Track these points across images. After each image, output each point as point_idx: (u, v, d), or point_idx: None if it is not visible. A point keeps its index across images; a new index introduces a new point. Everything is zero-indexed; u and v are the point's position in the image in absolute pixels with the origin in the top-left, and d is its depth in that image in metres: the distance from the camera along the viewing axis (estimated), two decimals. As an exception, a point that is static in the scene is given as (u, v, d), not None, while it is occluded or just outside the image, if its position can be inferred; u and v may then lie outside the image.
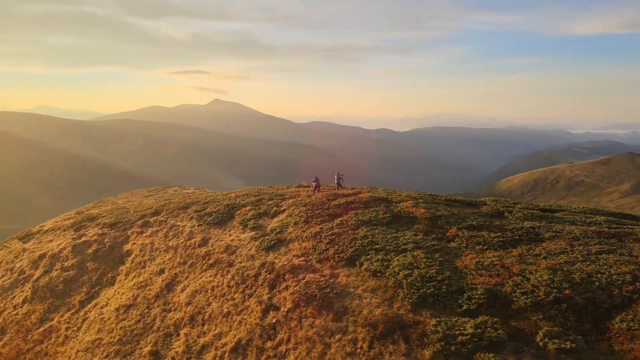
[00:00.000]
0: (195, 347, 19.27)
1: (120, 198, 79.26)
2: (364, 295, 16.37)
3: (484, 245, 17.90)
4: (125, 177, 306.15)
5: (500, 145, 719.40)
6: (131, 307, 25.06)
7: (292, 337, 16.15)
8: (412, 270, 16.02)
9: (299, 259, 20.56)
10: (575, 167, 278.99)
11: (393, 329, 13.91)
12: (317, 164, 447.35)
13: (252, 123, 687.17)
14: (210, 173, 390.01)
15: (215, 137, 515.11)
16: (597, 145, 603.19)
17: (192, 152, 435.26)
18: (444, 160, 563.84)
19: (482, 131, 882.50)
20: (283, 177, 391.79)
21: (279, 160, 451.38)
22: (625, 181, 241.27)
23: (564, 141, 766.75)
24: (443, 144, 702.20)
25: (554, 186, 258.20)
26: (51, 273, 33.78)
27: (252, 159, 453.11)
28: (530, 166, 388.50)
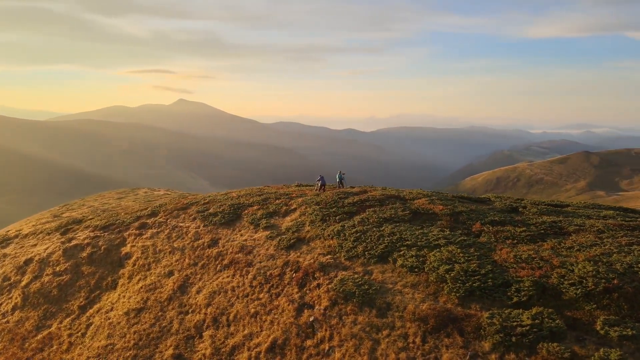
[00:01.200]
0: (224, 349, 18.97)
1: (89, 200, 77.01)
2: (404, 291, 16.57)
3: (514, 239, 18.48)
4: (85, 179, 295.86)
5: (463, 144, 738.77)
6: (142, 310, 24.39)
7: (334, 334, 16.17)
8: (453, 265, 16.35)
9: (325, 257, 20.57)
10: (535, 165, 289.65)
11: (445, 322, 14.18)
12: (284, 164, 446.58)
13: (218, 123, 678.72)
14: (175, 174, 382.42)
15: (180, 137, 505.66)
16: (554, 145, 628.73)
17: (156, 153, 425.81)
18: (409, 160, 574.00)
19: (446, 131, 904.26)
20: (252, 178, 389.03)
21: (246, 161, 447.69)
22: (581, 179, 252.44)
23: (524, 140, 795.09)
24: (408, 144, 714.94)
25: (515, 184, 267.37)
26: (42, 278, 32.42)
27: (218, 159, 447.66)
28: (491, 165, 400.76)
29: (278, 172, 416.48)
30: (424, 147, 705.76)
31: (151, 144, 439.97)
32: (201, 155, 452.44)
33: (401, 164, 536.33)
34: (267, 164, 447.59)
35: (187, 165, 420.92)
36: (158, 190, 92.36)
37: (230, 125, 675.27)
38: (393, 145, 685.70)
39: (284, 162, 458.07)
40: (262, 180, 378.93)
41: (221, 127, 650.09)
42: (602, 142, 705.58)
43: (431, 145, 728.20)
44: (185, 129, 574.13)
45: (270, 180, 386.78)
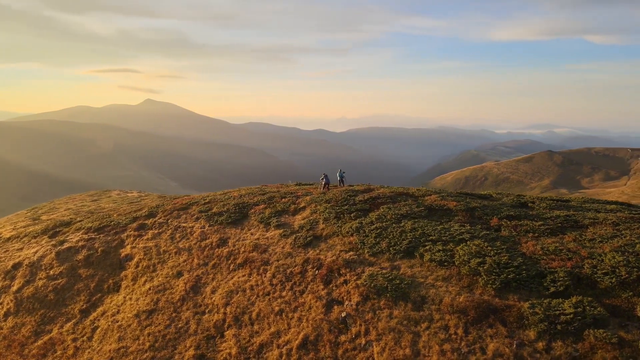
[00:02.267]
0: (251, 347, 18.88)
1: (60, 203, 74.78)
2: (437, 285, 16.93)
3: (534, 233, 19.14)
4: (48, 182, 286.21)
5: (432, 144, 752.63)
6: (154, 312, 23.95)
7: (370, 328, 16.37)
8: (484, 258, 16.83)
9: (348, 254, 20.75)
10: (502, 165, 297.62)
11: (485, 313, 14.61)
12: (255, 165, 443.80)
13: (187, 124, 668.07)
14: (143, 176, 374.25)
15: (148, 138, 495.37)
16: (519, 144, 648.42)
17: (123, 154, 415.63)
18: (380, 160, 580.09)
19: (415, 131, 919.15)
20: (222, 180, 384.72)
21: (216, 162, 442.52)
22: (545, 177, 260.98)
23: (489, 140, 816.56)
24: (378, 144, 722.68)
25: (483, 183, 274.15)
26: (35, 283, 31.35)
27: (187, 160, 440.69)
28: (459, 164, 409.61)
29: (249, 172, 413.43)
30: (394, 147, 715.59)
31: (117, 145, 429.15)
32: (170, 156, 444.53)
33: (372, 164, 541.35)
34: (238, 164, 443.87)
35: (155, 166, 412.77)
36: (131, 192, 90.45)
37: (200, 126, 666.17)
38: (363, 145, 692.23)
39: (254, 163, 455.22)
40: (233, 181, 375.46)
41: (190, 127, 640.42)
42: (564, 142, 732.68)
43: (401, 145, 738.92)
44: (153, 130, 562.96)
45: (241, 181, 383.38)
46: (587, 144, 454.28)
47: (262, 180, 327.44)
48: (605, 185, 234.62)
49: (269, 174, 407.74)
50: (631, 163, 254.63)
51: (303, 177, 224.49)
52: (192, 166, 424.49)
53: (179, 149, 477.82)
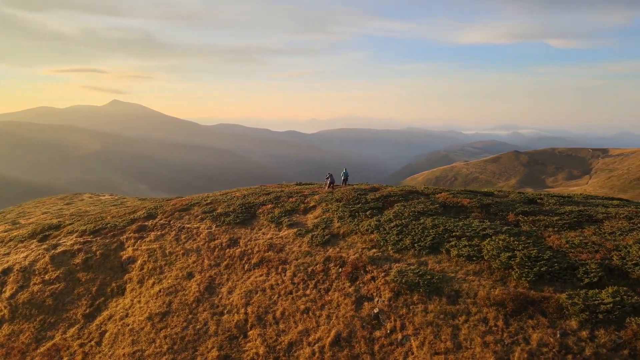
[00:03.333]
0: (279, 346, 18.81)
1: (29, 207, 72.64)
2: (468, 279, 17.33)
3: (554, 227, 19.83)
4: (8, 185, 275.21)
5: (402, 145, 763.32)
6: (168, 314, 23.51)
7: (406, 323, 16.60)
8: (513, 252, 17.33)
9: (371, 251, 20.94)
10: (470, 165, 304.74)
11: (524, 305, 15.07)
12: (227, 166, 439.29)
13: (155, 125, 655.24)
14: (110, 179, 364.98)
15: (115, 140, 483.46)
16: (485, 145, 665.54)
17: (88, 156, 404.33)
18: (351, 161, 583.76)
19: (385, 132, 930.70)
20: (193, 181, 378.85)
21: (186, 164, 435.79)
22: (512, 177, 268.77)
23: (457, 141, 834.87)
24: (349, 145, 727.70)
25: (453, 183, 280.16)
26: (30, 288, 30.28)
27: (156, 162, 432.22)
28: (429, 165, 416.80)
29: (221, 174, 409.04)
30: (365, 148, 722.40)
31: (83, 147, 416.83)
32: (138, 158, 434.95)
33: (343, 165, 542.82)
34: (209, 166, 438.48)
35: (123, 168, 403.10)
36: (103, 195, 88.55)
37: (169, 127, 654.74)
38: (335, 146, 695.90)
39: (226, 165, 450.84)
40: (206, 183, 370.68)
41: (159, 129, 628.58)
42: (528, 143, 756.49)
43: (371, 146, 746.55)
44: (121, 131, 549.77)
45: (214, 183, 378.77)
46: (550, 144, 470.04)
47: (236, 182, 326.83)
48: (568, 184, 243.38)
49: (242, 176, 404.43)
50: (592, 163, 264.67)
51: (276, 179, 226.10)
52: (162, 168, 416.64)
53: (147, 150, 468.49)
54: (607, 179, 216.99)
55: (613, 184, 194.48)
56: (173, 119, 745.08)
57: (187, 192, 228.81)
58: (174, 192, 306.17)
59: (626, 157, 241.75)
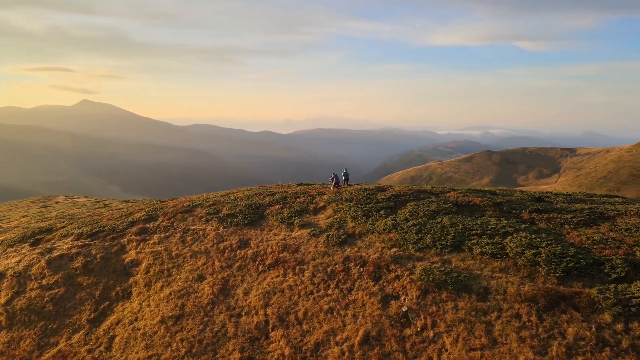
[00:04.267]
0: (305, 347, 18.77)
1: (2, 210, 70.67)
2: (495, 276, 17.69)
3: (569, 224, 20.40)
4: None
5: (376, 145, 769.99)
6: (182, 317, 23.14)
7: (437, 321, 16.84)
8: (538, 249, 17.76)
9: (391, 250, 21.10)
10: (445, 164, 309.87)
11: (556, 300, 15.48)
12: (201, 167, 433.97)
13: (127, 126, 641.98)
14: (81, 181, 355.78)
15: (86, 141, 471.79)
16: (458, 145, 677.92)
17: (57, 157, 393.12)
18: (326, 161, 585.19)
19: (360, 132, 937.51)
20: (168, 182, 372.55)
21: (160, 165, 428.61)
22: (485, 176, 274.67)
23: (431, 141, 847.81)
24: (324, 145, 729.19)
25: (428, 182, 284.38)
26: (27, 294, 29.37)
27: (129, 164, 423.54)
28: (404, 165, 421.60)
29: (197, 175, 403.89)
30: (340, 148, 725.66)
31: (52, 149, 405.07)
32: (110, 160, 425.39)
33: (318, 165, 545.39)
34: (183, 167, 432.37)
35: (94, 170, 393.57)
36: (78, 198, 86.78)
37: (142, 128, 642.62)
38: (310, 146, 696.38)
39: (202, 166, 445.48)
40: (181, 185, 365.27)
41: (132, 129, 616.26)
42: (499, 142, 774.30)
43: (346, 146, 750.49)
44: (92, 132, 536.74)
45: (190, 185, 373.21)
46: (520, 144, 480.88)
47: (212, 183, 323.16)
48: (538, 183, 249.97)
49: (218, 177, 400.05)
50: (561, 162, 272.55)
51: (252, 179, 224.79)
52: (135, 170, 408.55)
53: (120, 151, 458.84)
54: (576, 177, 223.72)
55: (581, 182, 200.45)
56: (146, 120, 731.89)
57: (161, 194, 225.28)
58: (147, 193, 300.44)
59: (593, 156, 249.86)
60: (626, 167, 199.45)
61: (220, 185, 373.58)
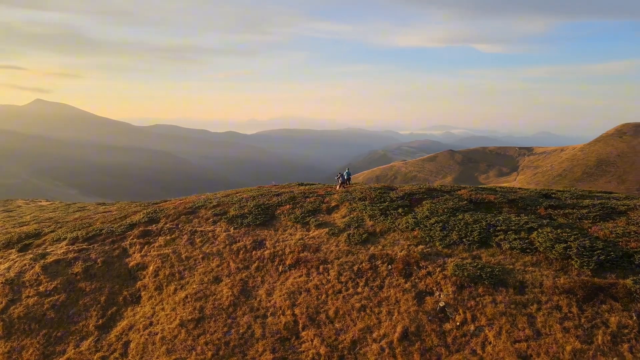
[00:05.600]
0: (341, 345, 18.81)
1: None
2: (528, 270, 18.30)
3: (587, 219, 21.33)
4: None
5: (341, 145, 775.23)
6: (202, 320, 22.69)
7: (477, 315, 17.27)
8: (567, 243, 18.51)
9: (418, 247, 21.44)
10: (409, 164, 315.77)
11: (594, 292, 16.20)
12: (164, 169, 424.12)
13: (84, 126, 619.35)
14: (35, 183, 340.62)
15: (39, 142, 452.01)
16: (421, 144, 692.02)
17: (7, 159, 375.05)
18: (291, 161, 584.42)
19: (324, 133, 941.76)
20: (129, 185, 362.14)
21: (120, 166, 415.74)
22: (448, 175, 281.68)
23: (394, 141, 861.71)
24: (289, 146, 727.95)
25: (393, 181, 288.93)
26: (23, 301, 28.11)
27: (87, 165, 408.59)
28: (368, 164, 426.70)
29: (160, 177, 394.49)
30: (305, 148, 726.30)
31: (1, 150, 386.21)
32: (66, 162, 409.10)
33: (283, 166, 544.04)
34: (145, 169, 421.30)
35: (49, 172, 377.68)
36: (39, 201, 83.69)
37: (100, 128, 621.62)
38: (275, 147, 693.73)
39: (163, 167, 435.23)
40: (145, 187, 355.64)
41: (89, 130, 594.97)
42: (460, 142, 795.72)
43: (311, 146, 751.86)
44: (46, 133, 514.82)
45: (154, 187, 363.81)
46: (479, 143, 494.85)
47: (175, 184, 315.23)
48: (499, 181, 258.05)
49: (182, 178, 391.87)
50: (519, 160, 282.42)
51: (218, 180, 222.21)
52: (93, 172, 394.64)
53: (76, 153, 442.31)
54: (533, 175, 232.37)
55: (538, 179, 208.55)
56: (104, 120, 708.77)
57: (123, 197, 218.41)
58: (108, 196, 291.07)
59: (548, 155, 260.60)
60: (580, 165, 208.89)
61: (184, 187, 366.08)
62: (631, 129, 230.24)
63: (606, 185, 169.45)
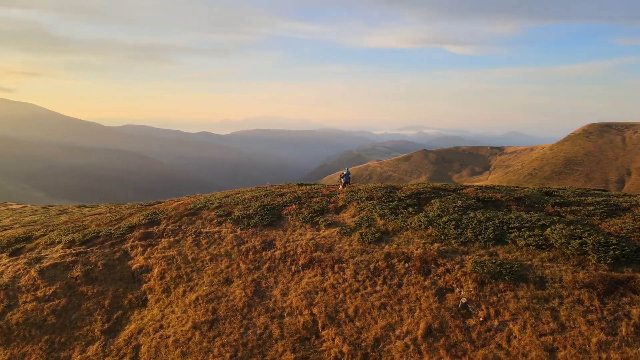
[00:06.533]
0: (364, 343, 18.95)
1: None
2: (546, 265, 18.84)
3: (594, 216, 22.07)
4: None
5: (316, 145, 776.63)
6: (216, 321, 22.46)
7: (500, 310, 17.69)
8: (582, 239, 19.16)
9: (434, 245, 21.76)
10: (384, 164, 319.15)
11: (613, 285, 16.83)
12: (136, 170, 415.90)
13: (52, 126, 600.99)
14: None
15: (3, 143, 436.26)
16: (395, 144, 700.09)
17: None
18: (265, 161, 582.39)
19: (299, 133, 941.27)
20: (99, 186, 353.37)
21: (90, 168, 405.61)
22: (422, 174, 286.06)
23: (369, 141, 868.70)
24: (264, 146, 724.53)
25: (368, 181, 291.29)
26: (21, 307, 27.29)
27: (55, 167, 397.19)
28: (343, 164, 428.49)
29: (132, 179, 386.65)
30: (280, 148, 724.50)
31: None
32: (32, 163, 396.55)
33: (258, 166, 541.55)
34: (117, 170, 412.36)
35: (14, 174, 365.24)
36: (10, 204, 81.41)
37: (69, 129, 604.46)
38: (249, 147, 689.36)
39: (136, 168, 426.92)
40: (116, 188, 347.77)
41: (56, 131, 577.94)
42: (433, 142, 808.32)
43: (286, 146, 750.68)
44: (10, 133, 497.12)
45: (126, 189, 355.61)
46: (452, 143, 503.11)
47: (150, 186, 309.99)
48: (471, 180, 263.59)
49: (154, 179, 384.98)
50: (491, 160, 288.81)
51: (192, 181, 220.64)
52: (62, 174, 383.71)
53: (43, 154, 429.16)
54: (505, 174, 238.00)
55: (510, 178, 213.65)
56: (73, 120, 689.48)
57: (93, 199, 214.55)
58: (78, 198, 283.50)
59: (519, 154, 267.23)
60: (549, 164, 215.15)
61: (158, 188, 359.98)
62: (597, 129, 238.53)
63: (574, 184, 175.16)
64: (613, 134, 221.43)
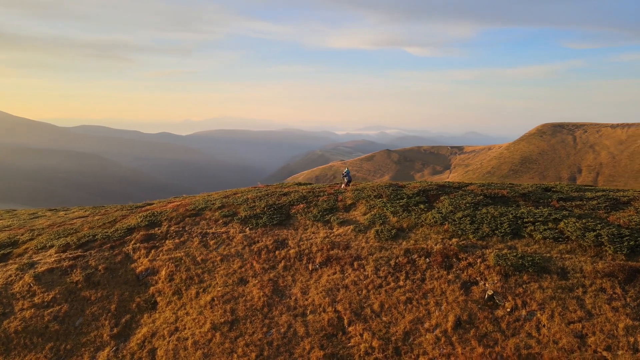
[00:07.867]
0: (394, 337, 19.28)
1: None
2: (565, 257, 19.77)
3: (599, 210, 23.31)
4: None
5: (278, 146, 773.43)
6: (237, 322, 22.22)
7: (527, 300, 18.44)
8: (595, 232, 20.22)
9: (452, 240, 22.38)
10: (348, 164, 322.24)
11: (632, 274, 17.86)
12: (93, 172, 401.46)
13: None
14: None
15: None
16: (357, 144, 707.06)
17: None
18: (227, 162, 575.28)
19: (261, 133, 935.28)
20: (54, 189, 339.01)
21: (43, 170, 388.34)
22: (385, 174, 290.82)
23: (331, 141, 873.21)
24: (225, 147, 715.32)
25: (332, 181, 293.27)
26: (18, 314, 26.15)
27: (4, 170, 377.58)
28: (307, 165, 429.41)
29: (86, 180, 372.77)
30: (241, 149, 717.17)
31: None
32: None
33: (220, 167, 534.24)
34: (72, 172, 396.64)
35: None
36: None
37: (18, 129, 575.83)
38: (211, 148, 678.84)
39: (92, 170, 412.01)
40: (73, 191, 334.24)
41: (5, 131, 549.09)
42: (394, 141, 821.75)
43: (248, 147, 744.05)
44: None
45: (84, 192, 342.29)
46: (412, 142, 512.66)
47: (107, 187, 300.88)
48: (433, 179, 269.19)
49: (112, 181, 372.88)
50: (451, 159, 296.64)
51: (152, 183, 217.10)
52: (12, 176, 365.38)
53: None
54: (465, 172, 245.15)
55: (470, 177, 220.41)
56: (23, 120, 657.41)
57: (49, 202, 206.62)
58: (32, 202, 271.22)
59: (477, 154, 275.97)
60: (506, 163, 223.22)
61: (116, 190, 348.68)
62: (550, 129, 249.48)
63: (530, 181, 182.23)
64: (565, 133, 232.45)
